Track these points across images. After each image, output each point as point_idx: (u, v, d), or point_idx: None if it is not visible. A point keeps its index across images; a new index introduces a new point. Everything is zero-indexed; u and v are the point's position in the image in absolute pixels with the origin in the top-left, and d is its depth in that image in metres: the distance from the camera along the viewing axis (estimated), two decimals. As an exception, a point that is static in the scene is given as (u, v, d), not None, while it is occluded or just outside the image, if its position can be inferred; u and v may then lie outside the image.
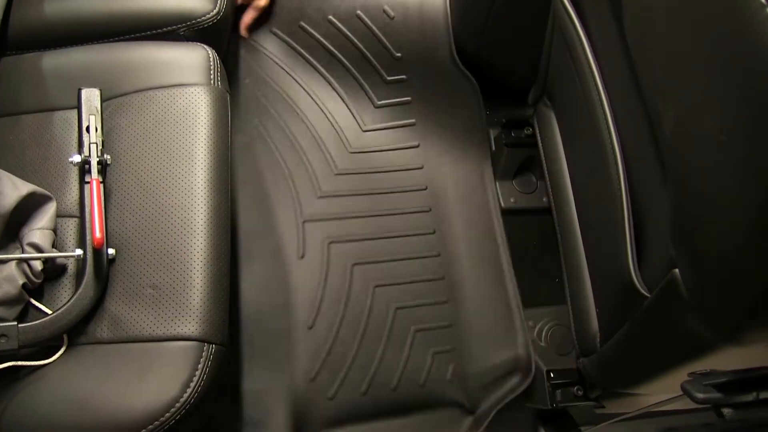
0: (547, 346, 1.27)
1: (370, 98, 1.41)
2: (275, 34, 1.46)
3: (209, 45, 1.14)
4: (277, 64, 1.43)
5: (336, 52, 1.42)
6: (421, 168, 1.37)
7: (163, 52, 1.11)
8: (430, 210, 1.34)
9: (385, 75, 1.41)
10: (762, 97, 0.48)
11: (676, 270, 0.69)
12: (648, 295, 0.79)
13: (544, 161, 1.18)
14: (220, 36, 1.22)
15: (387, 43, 1.41)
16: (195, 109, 1.04)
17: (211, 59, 1.11)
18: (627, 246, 0.83)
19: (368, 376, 1.22)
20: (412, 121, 1.40)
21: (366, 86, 1.41)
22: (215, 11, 1.16)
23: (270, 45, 1.45)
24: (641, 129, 0.75)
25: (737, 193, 0.55)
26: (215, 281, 0.94)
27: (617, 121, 0.84)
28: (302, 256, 1.28)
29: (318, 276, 1.27)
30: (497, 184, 1.43)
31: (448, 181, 1.37)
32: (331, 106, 1.40)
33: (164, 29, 1.15)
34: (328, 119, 1.39)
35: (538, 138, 1.19)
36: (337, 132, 1.38)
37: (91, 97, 1.00)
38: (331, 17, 1.42)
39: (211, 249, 0.95)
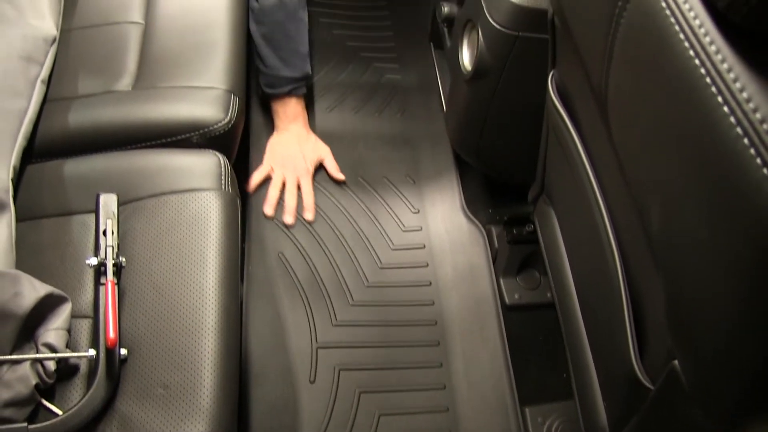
0: (556, 444, 1.26)
1: (388, 241, 1.52)
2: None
3: (220, 151, 1.19)
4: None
5: (362, 202, 1.56)
6: (432, 304, 1.44)
7: (177, 159, 1.16)
8: (439, 344, 1.39)
9: (403, 224, 1.54)
10: (734, 197, 0.52)
11: (676, 361, 0.70)
12: (651, 388, 0.80)
13: (545, 257, 1.20)
14: (231, 143, 1.26)
15: (407, 201, 1.57)
16: (206, 213, 1.07)
17: (222, 165, 1.15)
18: (628, 338, 0.84)
19: None
20: (425, 262, 1.49)
21: (385, 231, 1.53)
22: (226, 119, 1.22)
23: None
24: (634, 224, 0.77)
25: (722, 287, 0.56)
26: (225, 381, 0.94)
27: (612, 216, 0.86)
28: (313, 381, 1.31)
29: (326, 401, 1.30)
30: (501, 281, 1.45)
31: (456, 318, 1.43)
32: (352, 243, 1.50)
33: (178, 137, 1.20)
34: (349, 255, 1.48)
35: (539, 234, 1.22)
36: (356, 267, 1.47)
37: (108, 201, 1.04)
38: (360, 179, 1.59)
39: (222, 349, 0.96)
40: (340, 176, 1.58)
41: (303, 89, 1.57)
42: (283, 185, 1.54)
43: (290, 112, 1.57)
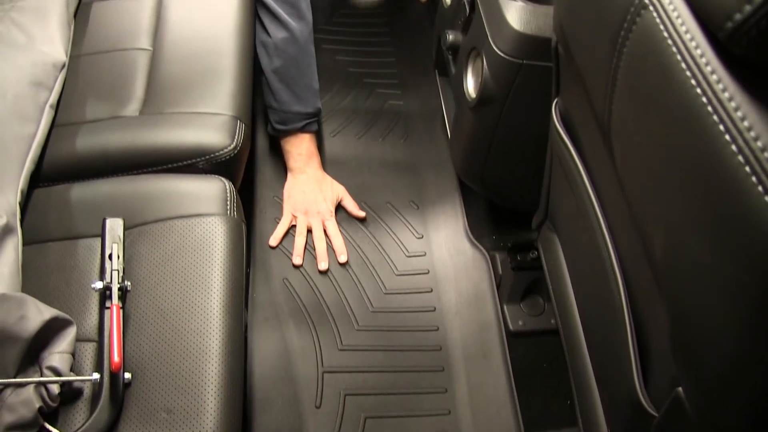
0: (560, 472, 1.25)
1: (392, 266, 1.52)
2: None
3: (226, 177, 1.20)
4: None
5: (366, 228, 1.57)
6: (437, 329, 1.44)
7: (183, 184, 1.17)
8: (443, 369, 1.39)
9: (407, 249, 1.55)
10: (736, 224, 0.52)
11: (680, 388, 0.70)
12: (656, 415, 0.79)
13: (549, 284, 1.20)
14: (237, 168, 1.27)
15: (411, 226, 1.58)
16: (212, 237, 1.08)
17: (228, 191, 1.16)
18: (632, 365, 0.84)
19: None
20: (429, 288, 1.50)
21: (389, 257, 1.53)
22: (232, 145, 1.23)
23: None
24: (638, 250, 0.78)
25: (725, 312, 0.57)
26: (229, 406, 0.94)
27: (616, 243, 0.87)
28: (319, 406, 1.31)
29: (332, 427, 1.30)
30: (505, 307, 1.45)
31: (460, 343, 1.43)
32: (357, 269, 1.50)
33: (184, 162, 1.21)
34: (354, 280, 1.49)
35: (543, 261, 1.22)
36: (360, 292, 1.47)
37: (114, 226, 1.05)
38: (364, 204, 1.60)
39: (226, 373, 0.96)
40: (361, 214, 1.58)
41: (315, 125, 1.55)
42: (308, 231, 1.53)
43: (304, 152, 1.55)
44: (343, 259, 1.50)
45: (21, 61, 1.20)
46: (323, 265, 1.48)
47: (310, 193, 1.55)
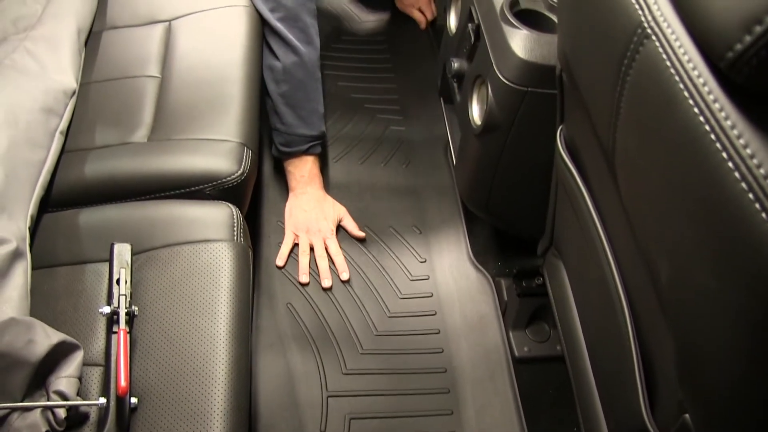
0: (567, 500, 1.24)
1: (395, 290, 1.53)
2: None
3: (233, 203, 1.21)
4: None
5: (369, 251, 1.58)
6: (441, 352, 1.44)
7: (190, 210, 1.18)
8: (449, 392, 1.38)
9: (410, 273, 1.56)
10: (740, 250, 0.53)
11: (687, 415, 0.70)
12: (662, 442, 0.79)
13: (555, 310, 1.20)
14: (243, 194, 1.28)
15: (414, 250, 1.59)
16: (218, 263, 1.09)
17: (235, 217, 1.17)
18: (638, 392, 0.83)
19: None
20: (433, 311, 1.50)
21: (393, 281, 1.54)
22: (239, 172, 1.24)
23: None
24: (643, 277, 0.78)
25: (729, 338, 0.57)
26: (234, 431, 0.94)
27: (621, 270, 0.87)
28: (323, 431, 1.31)
29: None
30: (510, 333, 1.45)
31: (466, 366, 1.42)
32: (360, 293, 1.51)
33: (191, 189, 1.22)
34: (357, 304, 1.49)
35: (548, 287, 1.22)
36: (364, 316, 1.47)
37: (122, 251, 1.06)
38: (367, 228, 1.60)
39: (231, 399, 0.96)
40: (361, 234, 1.58)
41: (319, 148, 1.57)
42: (310, 249, 1.54)
43: (306, 173, 1.57)
44: (345, 276, 1.51)
45: (33, 89, 1.21)
46: (326, 282, 1.49)
47: (311, 212, 1.56)
